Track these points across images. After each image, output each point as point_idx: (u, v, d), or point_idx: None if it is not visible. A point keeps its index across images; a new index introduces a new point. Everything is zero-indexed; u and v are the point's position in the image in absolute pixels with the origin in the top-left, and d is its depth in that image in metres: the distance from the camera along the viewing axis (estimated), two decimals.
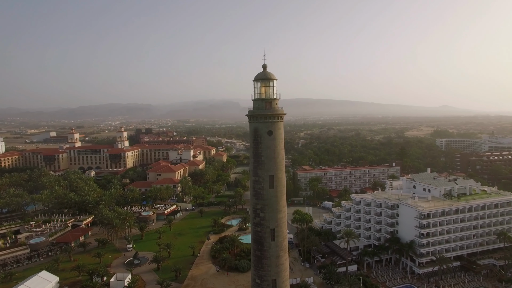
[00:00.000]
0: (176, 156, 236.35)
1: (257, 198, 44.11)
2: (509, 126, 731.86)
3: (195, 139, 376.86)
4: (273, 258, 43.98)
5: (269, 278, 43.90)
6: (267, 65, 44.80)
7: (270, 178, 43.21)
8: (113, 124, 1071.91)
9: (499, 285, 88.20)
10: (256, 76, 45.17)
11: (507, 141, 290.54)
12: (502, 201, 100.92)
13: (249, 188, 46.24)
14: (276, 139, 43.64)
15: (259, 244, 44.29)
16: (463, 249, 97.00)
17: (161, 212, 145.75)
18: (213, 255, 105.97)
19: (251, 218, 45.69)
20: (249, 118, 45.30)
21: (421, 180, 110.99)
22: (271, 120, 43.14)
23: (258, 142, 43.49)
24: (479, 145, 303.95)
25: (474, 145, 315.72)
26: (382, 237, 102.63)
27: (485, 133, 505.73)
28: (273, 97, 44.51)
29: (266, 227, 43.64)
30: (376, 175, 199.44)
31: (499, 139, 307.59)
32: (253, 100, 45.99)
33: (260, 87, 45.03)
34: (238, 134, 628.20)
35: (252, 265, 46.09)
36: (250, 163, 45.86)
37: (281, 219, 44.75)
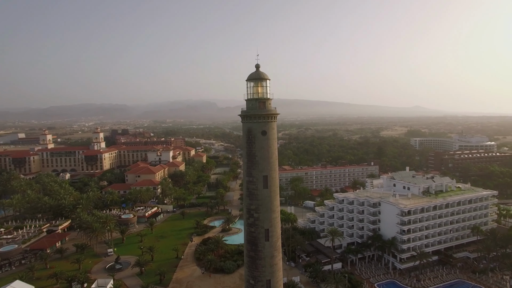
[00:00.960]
0: (155, 157, 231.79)
1: (251, 199, 43.89)
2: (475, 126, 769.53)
3: (173, 140, 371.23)
4: (267, 259, 43.92)
5: (264, 278, 43.81)
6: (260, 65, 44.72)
7: (264, 178, 43.12)
8: (87, 125, 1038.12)
9: (473, 276, 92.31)
10: (249, 76, 44.98)
11: (475, 140, 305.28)
12: (475, 197, 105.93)
13: (243, 189, 45.96)
14: (270, 139, 43.63)
15: (253, 245, 44.11)
16: (440, 243, 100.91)
17: (142, 215, 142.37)
18: (197, 257, 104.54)
19: (245, 219, 45.43)
20: (242, 118, 45.02)
21: (400, 178, 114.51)
22: (265, 120, 43.09)
23: (252, 142, 43.29)
24: (450, 144, 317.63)
25: (445, 144, 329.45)
26: (365, 234, 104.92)
27: (455, 132, 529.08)
28: (267, 97, 44.50)
29: (260, 228, 43.52)
30: (355, 174, 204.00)
31: (468, 138, 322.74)
32: (246, 100, 45.76)
33: (254, 87, 44.87)
34: (216, 135, 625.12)
35: (245, 266, 45.82)
36: (243, 164, 45.58)
37: (275, 219, 44.78)
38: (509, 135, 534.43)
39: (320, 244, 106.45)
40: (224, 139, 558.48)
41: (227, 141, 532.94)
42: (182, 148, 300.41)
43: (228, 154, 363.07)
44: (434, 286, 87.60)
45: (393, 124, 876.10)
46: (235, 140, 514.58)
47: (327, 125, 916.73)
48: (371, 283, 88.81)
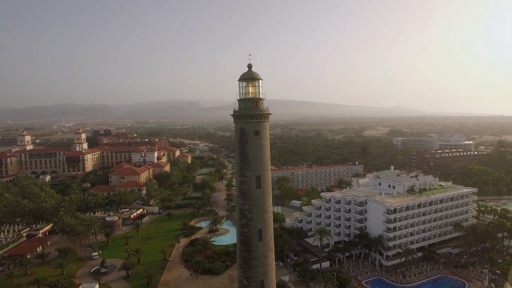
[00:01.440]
0: (139, 158, 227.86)
1: (243, 199, 43.69)
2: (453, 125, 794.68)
3: (157, 141, 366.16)
4: (261, 259, 43.82)
5: (257, 279, 43.69)
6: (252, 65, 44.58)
7: (257, 178, 43.01)
8: (67, 126, 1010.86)
9: (455, 271, 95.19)
10: (241, 75, 44.77)
11: (454, 139, 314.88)
12: (457, 195, 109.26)
13: (235, 189, 45.70)
14: (263, 139, 43.57)
15: (246, 245, 43.91)
16: (424, 240, 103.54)
17: (127, 217, 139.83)
18: (185, 259, 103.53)
19: (238, 219, 45.18)
20: (234, 118, 44.74)
21: (386, 177, 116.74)
22: (258, 120, 42.98)
23: (244, 143, 43.09)
24: (431, 143, 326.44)
25: (426, 144, 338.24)
26: (352, 233, 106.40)
27: (434, 132, 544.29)
28: (259, 97, 44.42)
29: (253, 228, 43.38)
30: (340, 174, 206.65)
31: (448, 138, 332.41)
32: (238, 100, 45.51)
33: (246, 87, 44.69)
34: (200, 135, 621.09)
35: (238, 266, 45.57)
36: (235, 164, 45.34)
37: (268, 219, 44.75)
38: (485, 135, 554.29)
39: (308, 243, 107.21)
40: (208, 140, 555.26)
41: (211, 141, 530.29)
42: (167, 148, 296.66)
43: (213, 155, 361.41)
44: (419, 281, 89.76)
45: (376, 124, 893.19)
46: (220, 141, 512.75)
47: (311, 125, 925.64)
48: (358, 280, 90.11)
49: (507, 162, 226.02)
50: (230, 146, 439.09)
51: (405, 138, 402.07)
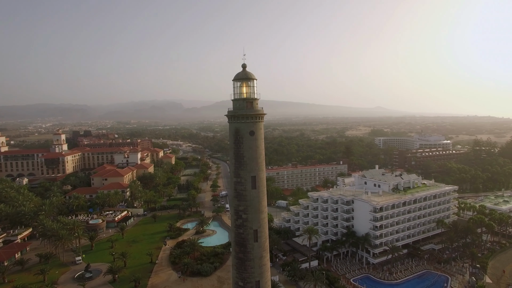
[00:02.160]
0: (122, 159, 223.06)
1: (239, 200, 43.39)
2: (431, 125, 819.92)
3: (140, 142, 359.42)
4: (257, 260, 43.65)
5: (253, 279, 43.49)
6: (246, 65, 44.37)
7: (253, 178, 42.82)
8: (44, 126, 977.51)
9: (438, 266, 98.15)
10: (236, 75, 44.49)
11: (433, 139, 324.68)
12: (439, 192, 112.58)
13: (231, 190, 45.29)
14: (258, 139, 43.45)
15: (241, 246, 43.62)
16: (409, 237, 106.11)
17: (111, 219, 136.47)
18: (172, 261, 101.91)
19: (233, 220, 44.84)
20: (229, 118, 44.39)
21: (371, 176, 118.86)
22: (253, 120, 42.81)
23: (239, 143, 42.82)
24: (412, 143, 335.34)
25: (407, 143, 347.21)
26: (339, 232, 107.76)
27: (414, 132, 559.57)
28: (254, 97, 44.27)
29: (249, 229, 43.16)
30: (325, 173, 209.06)
31: (427, 137, 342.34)
32: (232, 100, 45.21)
33: (240, 87, 44.44)
34: (183, 136, 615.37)
35: (233, 268, 45.22)
36: (230, 164, 44.99)
37: (263, 219, 44.67)
38: (461, 134, 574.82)
39: (296, 243, 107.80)
40: (191, 140, 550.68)
41: (194, 142, 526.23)
42: (150, 149, 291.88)
43: (196, 155, 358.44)
44: (405, 278, 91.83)
45: (357, 124, 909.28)
46: (203, 141, 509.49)
47: (294, 125, 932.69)
48: (347, 278, 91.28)
49: (482, 160, 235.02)
50: (214, 146, 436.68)
51: (387, 138, 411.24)
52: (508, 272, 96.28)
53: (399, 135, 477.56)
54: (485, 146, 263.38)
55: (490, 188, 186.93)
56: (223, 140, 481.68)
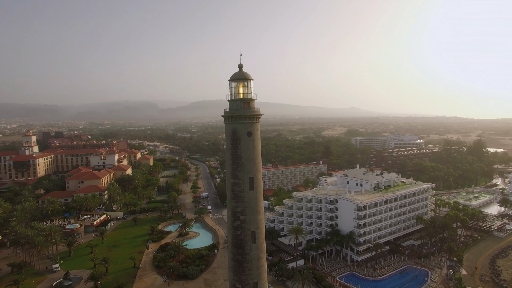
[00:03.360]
0: (98, 161, 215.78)
1: (236, 201, 42.96)
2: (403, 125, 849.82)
3: (116, 143, 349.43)
4: (254, 261, 43.40)
5: (251, 281, 43.21)
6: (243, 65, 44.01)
7: (250, 180, 42.51)
8: (9, 127, 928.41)
9: (418, 261, 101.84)
10: (232, 76, 44.01)
11: (407, 138, 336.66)
12: (418, 190, 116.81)
13: (227, 192, 44.76)
14: (255, 140, 43.20)
15: (239, 248, 43.22)
16: (391, 234, 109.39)
17: (90, 224, 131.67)
18: (156, 265, 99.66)
19: (230, 222, 44.33)
20: (225, 119, 43.86)
21: (353, 175, 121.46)
22: (251, 121, 42.52)
23: (237, 144, 42.39)
24: (387, 142, 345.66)
25: (382, 143, 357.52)
26: (323, 231, 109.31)
27: (388, 131, 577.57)
28: (251, 97, 43.97)
29: (246, 230, 42.85)
30: (306, 173, 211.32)
31: (401, 137, 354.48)
32: (229, 101, 44.72)
33: (237, 87, 44.01)
34: (159, 137, 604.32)
35: (231, 270, 44.70)
36: (227, 165, 44.47)
37: (261, 220, 44.49)
38: (431, 133, 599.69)
39: (281, 243, 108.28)
40: (168, 141, 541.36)
41: (171, 143, 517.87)
42: (127, 151, 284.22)
43: (174, 157, 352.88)
44: (388, 273, 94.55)
45: (333, 124, 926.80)
46: (180, 142, 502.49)
47: (270, 125, 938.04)
48: (332, 276, 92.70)
49: (453, 158, 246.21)
50: (192, 147, 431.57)
51: (363, 137, 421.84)
52: (480, 264, 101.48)
53: (374, 135, 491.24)
54: (454, 145, 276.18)
55: (461, 185, 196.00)
56: (200, 141, 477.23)
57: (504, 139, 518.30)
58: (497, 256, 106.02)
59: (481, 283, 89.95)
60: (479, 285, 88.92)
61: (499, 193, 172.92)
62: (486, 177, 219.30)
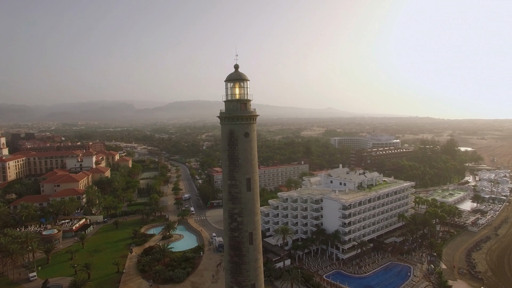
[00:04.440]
0: (75, 163, 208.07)
1: (233, 203, 42.55)
2: (379, 125, 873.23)
3: (92, 144, 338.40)
4: (252, 262, 43.12)
5: (249, 283, 42.90)
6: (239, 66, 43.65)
7: (248, 181, 42.24)
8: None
9: (401, 257, 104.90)
10: (229, 76, 43.62)
11: (384, 138, 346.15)
12: (399, 189, 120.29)
13: (224, 193, 44.26)
14: (252, 141, 42.98)
15: (236, 250, 42.81)
16: (374, 232, 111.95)
17: (68, 229, 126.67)
18: (141, 269, 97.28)
19: (227, 224, 43.82)
20: (222, 120, 43.39)
21: (337, 175, 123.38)
22: (248, 121, 42.25)
23: (234, 145, 42.01)
24: (365, 142, 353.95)
25: (360, 143, 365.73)
26: (309, 230, 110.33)
27: (365, 131, 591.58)
28: (247, 98, 43.74)
29: (244, 232, 42.50)
30: (288, 173, 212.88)
31: (379, 137, 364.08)
32: (225, 101, 44.26)
33: (233, 88, 43.62)
34: (137, 138, 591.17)
35: (228, 272, 44.22)
36: (223, 167, 43.95)
37: (258, 221, 44.27)
38: (406, 133, 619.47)
39: (267, 243, 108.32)
40: (146, 142, 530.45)
41: (150, 144, 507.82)
42: (105, 152, 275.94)
43: (153, 158, 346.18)
44: (373, 270, 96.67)
45: (311, 125, 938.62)
46: (159, 143, 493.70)
47: None
48: (319, 275, 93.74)
49: (428, 157, 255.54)
50: (171, 148, 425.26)
51: (341, 137, 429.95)
52: (458, 257, 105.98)
53: (352, 135, 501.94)
54: (429, 144, 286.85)
55: (437, 182, 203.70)
56: (179, 142, 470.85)
57: (472, 139, 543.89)
58: (472, 250, 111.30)
59: (459, 276, 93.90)
60: (458, 278, 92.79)
61: (471, 190, 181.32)
62: (459, 175, 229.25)
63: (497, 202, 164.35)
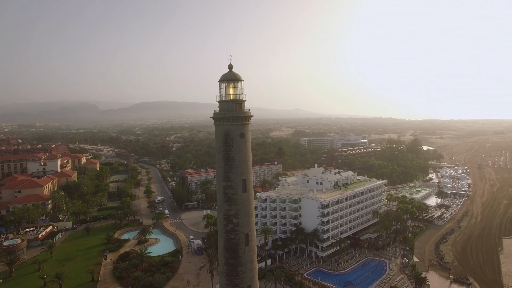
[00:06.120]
0: (38, 167, 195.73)
1: (229, 204, 42.01)
2: (345, 126, 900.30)
3: (54, 147, 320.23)
4: (248, 264, 42.79)
5: (245, 285, 42.51)
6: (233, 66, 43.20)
7: (243, 182, 41.88)
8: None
9: (376, 253, 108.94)
10: (223, 76, 43.02)
11: (353, 138, 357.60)
12: (373, 187, 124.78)
13: (219, 195, 43.59)
14: (247, 142, 42.74)
15: (232, 252, 42.29)
16: (351, 229, 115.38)
17: (33, 238, 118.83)
18: (118, 276, 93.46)
19: (222, 226, 43.16)
20: (216, 120, 42.72)
21: (313, 175, 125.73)
22: (243, 122, 41.95)
23: (229, 146, 41.49)
24: (334, 142, 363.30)
25: (330, 143, 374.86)
26: (288, 230, 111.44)
27: (332, 132, 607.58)
28: (242, 98, 43.39)
29: (240, 233, 42.07)
30: (262, 174, 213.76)
31: (347, 137, 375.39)
32: (219, 102, 43.62)
33: (227, 88, 43.11)
34: (102, 140, 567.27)
35: (223, 275, 43.53)
36: (218, 168, 43.27)
37: (253, 222, 44.04)
38: (372, 133, 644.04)
39: None
40: (113, 144, 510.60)
41: (117, 146, 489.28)
42: (71, 155, 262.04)
43: (122, 160, 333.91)
44: (351, 266, 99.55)
45: (280, 125, 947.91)
46: (126, 145, 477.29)
47: None
48: (300, 273, 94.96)
49: (395, 156, 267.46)
50: (139, 150, 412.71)
51: (311, 138, 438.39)
52: (428, 250, 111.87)
53: (320, 135, 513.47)
54: (395, 144, 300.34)
55: (404, 180, 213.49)
56: (148, 144, 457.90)
57: (432, 138, 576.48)
58: (439, 242, 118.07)
59: (430, 267, 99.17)
60: (429, 269, 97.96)
61: (436, 186, 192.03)
62: (423, 173, 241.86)
63: (458, 197, 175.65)
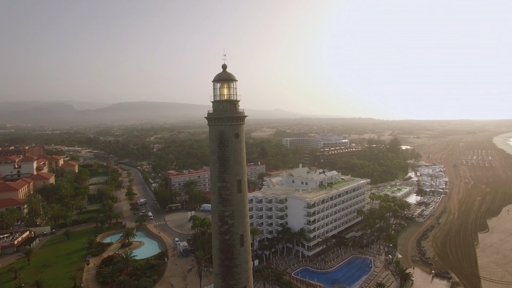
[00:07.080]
0: (11, 170, 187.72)
1: (224, 205, 41.61)
2: (326, 126, 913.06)
3: (28, 149, 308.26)
4: (243, 265, 42.54)
5: (240, 286, 42.22)
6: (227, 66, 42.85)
7: (238, 182, 41.58)
8: None
9: (361, 250, 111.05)
10: (217, 76, 42.56)
11: (334, 138, 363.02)
12: (357, 186, 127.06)
13: (213, 196, 43.10)
14: (242, 142, 42.42)
15: (227, 253, 41.91)
16: (336, 228, 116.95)
17: (8, 244, 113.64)
18: (102, 281, 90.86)
19: (217, 227, 42.65)
20: (210, 121, 42.21)
21: (298, 175, 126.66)
22: (238, 122, 41.64)
23: (224, 146, 41.10)
24: (316, 142, 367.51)
25: (311, 143, 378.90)
26: (274, 230, 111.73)
27: (313, 132, 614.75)
28: (236, 98, 43.10)
29: (235, 234, 41.75)
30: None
31: (329, 136, 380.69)
32: (213, 102, 43.12)
33: (221, 88, 42.68)
34: (80, 141, 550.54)
35: (218, 277, 43.06)
36: (213, 169, 42.76)
37: (247, 223, 43.79)
38: (351, 133, 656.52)
39: None
40: (91, 146, 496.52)
41: (95, 147, 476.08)
42: (47, 157, 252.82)
43: (101, 162, 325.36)
44: (337, 265, 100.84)
45: (261, 126, 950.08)
46: (105, 146, 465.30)
47: (198, 127, 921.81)
48: (288, 273, 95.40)
49: (376, 155, 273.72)
50: (119, 151, 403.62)
51: (293, 138, 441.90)
52: (410, 246, 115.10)
53: (302, 136, 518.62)
54: (376, 143, 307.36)
55: (385, 179, 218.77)
56: (127, 145, 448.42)
57: (409, 137, 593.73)
58: (421, 238, 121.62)
59: (413, 263, 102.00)
60: (412, 265, 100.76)
61: (415, 184, 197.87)
62: (403, 171, 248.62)
63: (436, 194, 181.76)
